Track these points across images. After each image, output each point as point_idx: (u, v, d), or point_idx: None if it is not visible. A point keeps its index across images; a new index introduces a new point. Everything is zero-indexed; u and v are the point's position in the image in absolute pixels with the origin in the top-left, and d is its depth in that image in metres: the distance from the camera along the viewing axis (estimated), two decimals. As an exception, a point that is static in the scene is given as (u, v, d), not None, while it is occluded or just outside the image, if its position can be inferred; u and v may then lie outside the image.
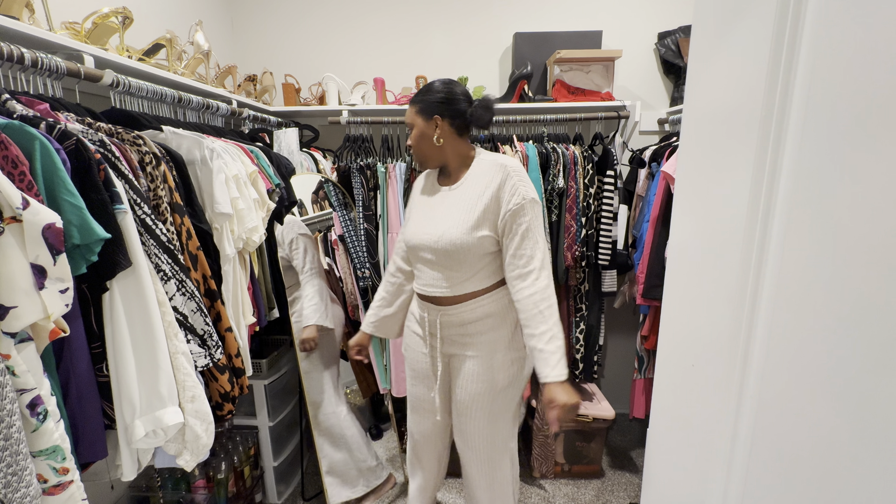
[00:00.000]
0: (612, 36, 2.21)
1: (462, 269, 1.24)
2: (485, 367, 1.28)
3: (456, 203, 1.25)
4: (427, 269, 1.30)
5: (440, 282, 1.27)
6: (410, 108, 1.27)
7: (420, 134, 1.25)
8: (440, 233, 1.23)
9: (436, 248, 1.24)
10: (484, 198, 1.20)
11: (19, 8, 1.05)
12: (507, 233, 1.20)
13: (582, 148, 2.01)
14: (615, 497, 1.99)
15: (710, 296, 0.75)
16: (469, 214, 1.21)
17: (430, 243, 1.25)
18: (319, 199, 2.08)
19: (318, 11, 2.31)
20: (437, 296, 1.29)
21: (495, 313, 1.28)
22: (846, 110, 0.51)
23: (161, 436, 0.97)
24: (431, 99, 1.23)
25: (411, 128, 1.28)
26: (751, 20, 0.64)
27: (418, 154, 1.29)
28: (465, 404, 1.32)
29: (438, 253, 1.24)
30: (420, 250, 1.29)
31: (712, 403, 0.73)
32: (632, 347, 2.42)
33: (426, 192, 1.36)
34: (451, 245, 1.21)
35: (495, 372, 1.28)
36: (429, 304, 1.33)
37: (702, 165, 0.79)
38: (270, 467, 1.88)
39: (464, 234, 1.20)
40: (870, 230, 0.48)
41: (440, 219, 1.25)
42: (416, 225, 1.31)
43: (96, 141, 0.94)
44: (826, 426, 0.53)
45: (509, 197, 1.18)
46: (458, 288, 1.26)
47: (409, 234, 1.32)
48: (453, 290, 1.26)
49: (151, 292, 0.95)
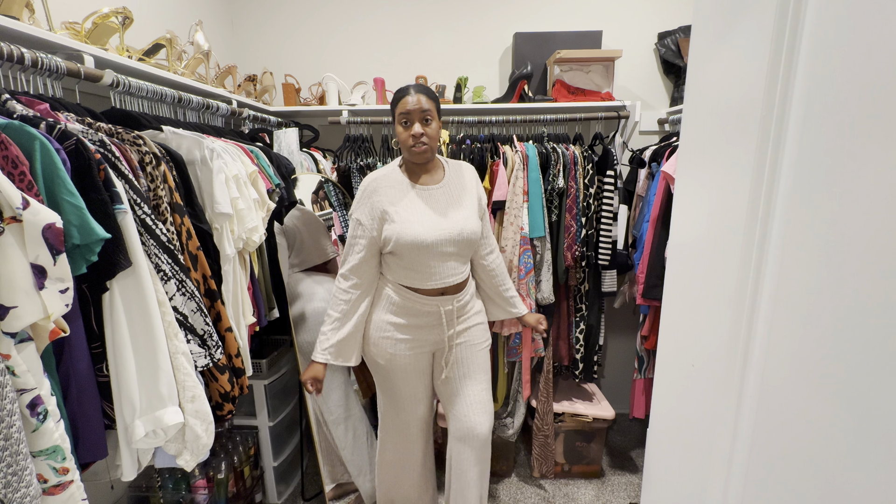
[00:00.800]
0: (612, 36, 2.21)
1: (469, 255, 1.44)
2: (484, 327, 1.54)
3: (453, 198, 1.39)
4: (440, 263, 1.36)
5: (457, 268, 1.40)
6: (430, 101, 1.32)
7: (439, 128, 1.36)
8: (460, 226, 1.35)
9: (459, 240, 1.35)
10: (468, 191, 1.43)
11: (19, 8, 1.05)
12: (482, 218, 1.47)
13: (582, 148, 2.00)
14: (615, 497, 1.99)
15: (710, 295, 0.75)
16: (469, 207, 1.40)
17: (453, 236, 1.34)
18: (319, 199, 2.08)
19: (318, 12, 2.31)
20: (455, 283, 1.40)
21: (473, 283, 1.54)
22: (846, 110, 0.51)
23: (161, 436, 0.97)
24: (439, 106, 1.37)
25: (426, 117, 1.31)
26: (751, 20, 0.64)
27: (433, 145, 1.35)
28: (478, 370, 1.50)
29: (461, 244, 1.36)
30: (441, 246, 1.33)
31: (712, 403, 0.73)
32: (632, 347, 2.42)
33: (410, 193, 1.36)
34: (473, 234, 1.37)
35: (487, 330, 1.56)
36: (440, 296, 1.40)
37: (702, 165, 0.79)
38: (270, 467, 1.88)
39: (476, 224, 1.39)
40: (870, 230, 0.48)
41: (450, 214, 1.36)
42: (425, 224, 1.31)
43: (96, 141, 0.94)
44: (826, 426, 0.53)
45: (479, 191, 1.47)
46: (467, 271, 1.45)
47: (421, 234, 1.29)
48: (465, 274, 1.44)
49: (151, 292, 0.95)
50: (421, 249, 1.31)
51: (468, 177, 1.46)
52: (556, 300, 2.05)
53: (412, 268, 1.35)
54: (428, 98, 1.31)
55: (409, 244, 1.30)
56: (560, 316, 2.16)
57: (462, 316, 1.47)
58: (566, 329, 2.17)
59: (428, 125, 1.31)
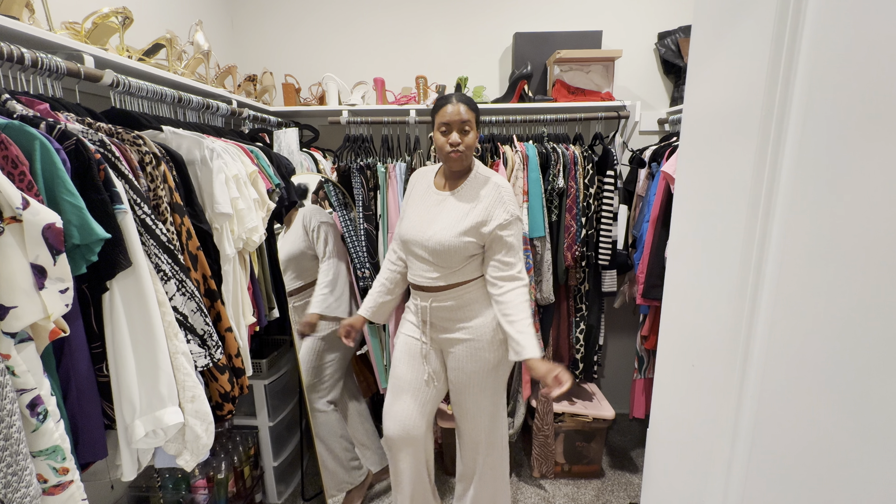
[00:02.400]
0: (612, 36, 2.21)
1: (449, 265, 1.39)
2: (476, 348, 1.44)
3: (450, 208, 1.40)
4: (418, 262, 1.44)
5: (430, 272, 1.42)
6: (469, 112, 1.34)
7: (475, 138, 1.37)
8: (431, 233, 1.38)
9: (426, 247, 1.38)
10: (476, 210, 1.36)
11: (19, 8, 1.05)
12: (494, 241, 1.36)
13: (582, 148, 2.00)
14: (615, 497, 1.99)
15: (710, 296, 0.75)
16: (460, 221, 1.36)
17: (422, 241, 1.39)
18: (319, 199, 2.08)
19: (318, 12, 2.31)
20: (426, 285, 1.43)
21: (481, 299, 1.44)
22: (846, 110, 0.51)
23: (161, 436, 0.97)
24: (478, 115, 1.39)
25: (465, 127, 1.34)
26: (751, 20, 0.64)
27: (466, 157, 1.37)
28: (462, 383, 1.48)
29: (428, 250, 1.39)
30: (412, 245, 1.42)
31: (712, 403, 0.73)
32: (632, 347, 2.42)
33: (423, 192, 1.48)
34: (440, 245, 1.36)
35: (486, 352, 1.44)
36: (420, 291, 1.47)
37: (702, 165, 0.79)
38: (270, 467, 1.88)
39: (452, 238, 1.35)
40: (870, 230, 0.48)
41: (433, 220, 1.39)
42: (411, 222, 1.44)
43: (96, 141, 0.93)
44: (826, 426, 0.53)
45: (500, 213, 1.35)
46: (445, 279, 1.41)
47: (403, 230, 1.45)
48: (441, 281, 1.41)
49: (151, 292, 0.95)
50: (403, 244, 1.47)
51: (486, 194, 1.36)
52: (556, 300, 2.05)
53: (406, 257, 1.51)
54: (468, 108, 1.33)
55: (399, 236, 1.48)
56: (560, 316, 2.16)
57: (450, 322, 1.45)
58: (566, 329, 2.17)
59: (466, 135, 1.34)
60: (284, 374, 1.93)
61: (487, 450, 1.56)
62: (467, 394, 1.49)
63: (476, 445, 1.56)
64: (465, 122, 1.33)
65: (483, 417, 1.52)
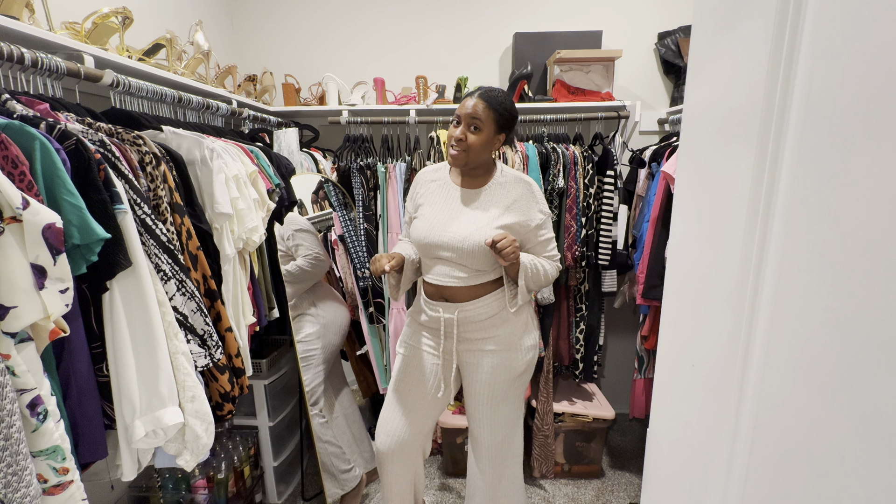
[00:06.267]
0: (612, 36, 2.21)
1: (480, 267, 1.31)
2: (504, 359, 1.35)
3: (481, 208, 1.31)
4: (442, 266, 1.33)
5: (457, 272, 1.31)
6: (487, 110, 1.24)
7: (486, 140, 1.27)
8: (465, 234, 1.27)
9: (460, 248, 1.28)
10: (512, 210, 1.30)
11: (19, 8, 1.05)
12: (531, 240, 1.34)
13: (582, 148, 2.01)
14: (615, 497, 1.99)
15: (709, 295, 0.75)
16: (496, 221, 1.28)
17: (454, 243, 1.28)
18: (319, 199, 2.08)
19: (318, 12, 2.31)
20: (452, 286, 1.32)
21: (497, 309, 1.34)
22: (846, 110, 0.51)
23: (161, 436, 0.97)
24: (508, 115, 1.28)
25: (474, 124, 1.24)
26: (751, 20, 0.64)
27: (472, 155, 1.27)
28: (483, 395, 1.38)
29: (462, 252, 1.28)
30: (439, 249, 1.31)
31: (712, 403, 0.73)
32: (632, 347, 2.42)
33: (442, 191, 1.37)
34: (477, 247, 1.26)
35: (514, 361, 1.35)
36: (441, 301, 1.36)
37: (702, 165, 0.79)
38: (270, 467, 1.88)
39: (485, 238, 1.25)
40: (870, 230, 0.48)
41: (465, 221, 1.29)
42: (435, 224, 1.32)
43: (96, 141, 0.93)
44: (826, 426, 0.53)
45: (535, 213, 1.32)
46: (473, 279, 1.31)
47: (424, 232, 1.32)
48: (469, 281, 1.31)
49: (151, 292, 0.95)
50: (423, 247, 1.35)
51: (517, 193, 1.32)
52: (557, 300, 2.05)
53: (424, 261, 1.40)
54: (487, 106, 1.23)
55: (415, 239, 1.36)
56: (560, 316, 2.16)
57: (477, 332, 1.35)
58: (566, 329, 2.17)
59: (473, 133, 1.24)
60: (284, 374, 1.93)
61: (504, 458, 1.46)
62: (488, 405, 1.39)
63: (493, 455, 1.45)
64: (475, 119, 1.23)
65: (503, 427, 1.42)
